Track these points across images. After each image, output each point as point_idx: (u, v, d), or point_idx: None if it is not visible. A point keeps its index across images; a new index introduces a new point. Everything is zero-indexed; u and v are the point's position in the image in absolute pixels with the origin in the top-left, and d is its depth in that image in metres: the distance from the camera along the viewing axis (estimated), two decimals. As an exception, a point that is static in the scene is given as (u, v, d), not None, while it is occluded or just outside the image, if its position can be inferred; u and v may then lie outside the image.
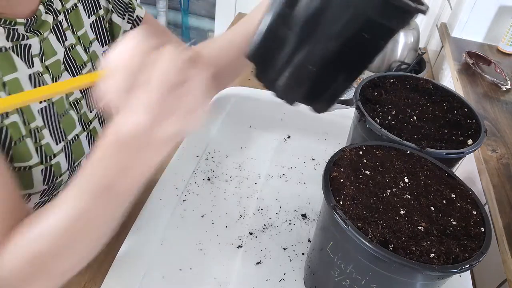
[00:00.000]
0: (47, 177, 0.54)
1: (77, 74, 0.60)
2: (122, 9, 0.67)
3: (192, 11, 2.76)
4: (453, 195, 0.49)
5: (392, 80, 0.69)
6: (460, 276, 0.59)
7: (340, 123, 0.88)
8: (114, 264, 0.57)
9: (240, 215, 0.65)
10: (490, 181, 0.76)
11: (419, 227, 0.43)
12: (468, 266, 0.40)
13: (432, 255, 0.41)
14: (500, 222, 0.69)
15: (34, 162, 0.52)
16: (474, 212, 0.47)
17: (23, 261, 0.45)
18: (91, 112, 0.62)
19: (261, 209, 0.67)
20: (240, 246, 0.61)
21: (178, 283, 0.55)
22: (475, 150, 0.57)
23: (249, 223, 0.64)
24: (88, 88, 0.58)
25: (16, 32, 0.50)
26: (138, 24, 0.69)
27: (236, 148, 0.78)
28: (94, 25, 0.63)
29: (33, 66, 0.52)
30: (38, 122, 0.52)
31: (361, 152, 0.53)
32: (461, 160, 0.62)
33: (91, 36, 0.63)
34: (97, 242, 0.47)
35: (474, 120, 0.62)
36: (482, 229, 0.45)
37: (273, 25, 0.41)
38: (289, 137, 0.83)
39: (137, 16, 0.69)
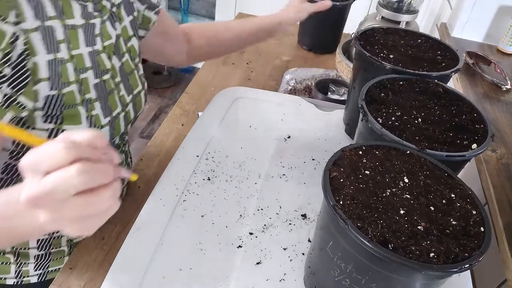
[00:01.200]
0: None
1: (120, 61, 0.68)
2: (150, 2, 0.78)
3: (192, 11, 2.76)
4: (452, 195, 0.49)
5: (401, 82, 0.69)
6: (459, 275, 0.59)
7: (340, 123, 0.88)
8: (114, 264, 0.57)
9: (240, 215, 0.65)
10: (490, 181, 0.76)
11: (419, 227, 0.43)
12: (467, 265, 0.40)
13: (431, 254, 0.41)
14: (500, 222, 0.69)
15: (83, 128, 0.58)
16: (474, 212, 0.47)
17: None
18: (127, 96, 0.68)
19: (261, 209, 0.67)
20: (240, 246, 0.61)
21: (178, 283, 0.55)
22: (477, 154, 0.57)
23: (249, 223, 0.64)
24: (127, 71, 0.70)
25: (86, 11, 0.58)
26: (158, 14, 0.80)
27: (236, 148, 0.78)
28: (131, 22, 0.72)
29: (95, 45, 0.60)
30: (92, 94, 0.59)
31: (361, 152, 0.53)
32: (466, 164, 0.62)
33: (130, 32, 0.71)
34: None
35: (482, 125, 0.62)
36: (482, 228, 0.45)
37: None
38: (289, 137, 0.83)
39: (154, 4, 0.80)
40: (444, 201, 0.48)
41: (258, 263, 0.59)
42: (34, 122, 0.55)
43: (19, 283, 0.73)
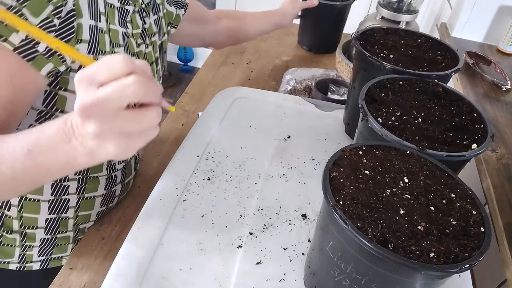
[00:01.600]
0: None
1: (145, 50, 0.74)
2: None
3: (192, 11, 2.76)
4: (452, 195, 0.49)
5: (401, 82, 0.69)
6: (460, 276, 0.59)
7: (340, 123, 0.88)
8: (114, 264, 0.57)
9: (240, 215, 0.65)
10: (490, 181, 0.76)
11: (419, 227, 0.43)
12: (468, 265, 0.40)
13: (431, 254, 0.41)
14: (500, 222, 0.69)
15: None
16: (474, 212, 0.47)
17: None
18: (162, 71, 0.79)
19: (261, 209, 0.67)
20: (240, 246, 0.61)
21: (178, 283, 0.55)
22: (477, 154, 0.57)
23: (249, 223, 0.64)
24: (149, 61, 0.77)
25: None
26: (187, 6, 0.88)
27: (236, 148, 0.79)
28: (156, 22, 0.77)
29: (127, 28, 0.66)
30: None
31: (361, 152, 0.53)
32: (466, 164, 0.62)
33: (154, 29, 0.76)
34: (8, 190, 0.51)
35: (482, 126, 0.62)
36: (482, 228, 0.45)
37: None
38: (289, 137, 0.83)
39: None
40: (444, 201, 0.48)
41: (258, 263, 0.59)
42: (67, 84, 0.60)
43: (21, 268, 0.74)
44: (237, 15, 1.10)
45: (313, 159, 0.78)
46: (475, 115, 0.64)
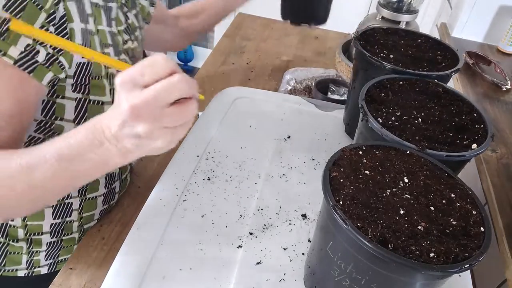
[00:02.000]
0: None
1: (131, 49, 0.73)
2: None
3: (192, 11, 2.76)
4: (452, 195, 0.49)
5: (401, 82, 0.69)
6: (460, 276, 0.59)
7: (340, 123, 0.88)
8: (114, 264, 0.57)
9: (240, 215, 0.65)
10: (490, 181, 0.76)
11: (419, 227, 0.43)
12: (468, 265, 0.40)
13: (431, 254, 0.41)
14: (500, 222, 0.69)
15: (107, 100, 0.63)
16: (474, 212, 0.47)
17: None
18: None
19: (261, 209, 0.67)
20: (240, 246, 0.61)
21: (178, 283, 0.55)
22: (477, 154, 0.57)
23: (249, 223, 0.64)
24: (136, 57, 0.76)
25: None
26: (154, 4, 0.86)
27: (236, 148, 0.78)
28: (135, 16, 0.76)
29: (111, 26, 0.64)
30: (114, 69, 0.63)
31: (361, 152, 0.53)
32: (466, 164, 0.62)
33: (136, 23, 0.75)
34: (40, 201, 0.53)
35: (482, 125, 0.62)
36: (482, 228, 0.45)
37: None
38: (289, 137, 0.83)
39: None
40: (444, 201, 0.48)
41: (258, 263, 0.59)
42: (64, 91, 0.60)
43: (30, 274, 0.74)
44: (194, 9, 1.02)
45: (313, 159, 0.78)
46: (475, 115, 0.64)
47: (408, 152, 0.54)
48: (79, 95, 0.61)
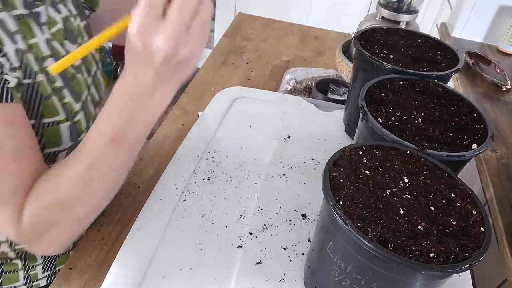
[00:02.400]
0: (73, 133, 0.61)
1: (76, 44, 0.66)
2: None
3: (192, 11, 2.75)
4: (452, 195, 0.49)
5: (401, 82, 0.69)
6: (460, 276, 0.59)
7: (340, 122, 0.88)
8: (114, 264, 0.57)
9: (240, 215, 0.65)
10: (490, 181, 0.76)
11: (419, 227, 0.43)
12: (468, 265, 0.40)
13: (431, 254, 0.41)
14: (500, 222, 0.69)
15: (61, 118, 0.60)
16: (474, 212, 0.47)
17: (48, 204, 0.51)
18: (88, 77, 0.68)
19: (261, 209, 0.67)
20: (240, 246, 0.61)
21: (178, 283, 0.55)
22: (477, 154, 0.57)
23: (249, 223, 0.64)
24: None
25: (27, 0, 0.55)
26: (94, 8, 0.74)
27: (236, 148, 0.78)
28: (73, 2, 0.68)
29: (44, 33, 0.58)
30: (59, 82, 0.59)
31: (361, 152, 0.53)
32: (466, 164, 0.62)
33: (74, 11, 0.67)
34: (111, 187, 0.54)
35: (482, 125, 0.62)
36: (482, 228, 0.45)
37: None
38: (289, 137, 0.83)
39: None
40: (444, 201, 0.48)
41: (258, 263, 0.59)
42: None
43: None
44: None
45: (313, 159, 0.78)
46: (475, 115, 0.64)
47: (408, 152, 0.54)
48: (32, 121, 0.57)
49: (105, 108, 0.48)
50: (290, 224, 0.65)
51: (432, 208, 0.46)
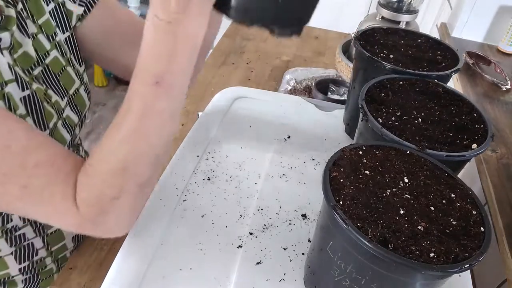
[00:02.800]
0: None
1: (42, 63, 0.59)
2: None
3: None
4: (452, 195, 0.49)
5: (401, 82, 0.69)
6: (460, 276, 0.59)
7: (340, 122, 0.88)
8: (114, 264, 0.57)
9: (240, 215, 0.65)
10: (490, 181, 0.76)
11: (419, 227, 0.43)
12: (468, 265, 0.40)
13: (431, 254, 0.41)
14: (500, 222, 0.69)
15: None
16: (474, 212, 0.47)
17: (104, 175, 0.47)
18: (62, 100, 0.62)
19: (261, 209, 0.67)
20: (240, 246, 0.61)
21: (178, 283, 0.55)
22: (477, 154, 0.57)
23: (249, 223, 0.64)
24: (55, 71, 0.61)
25: None
26: (92, 6, 0.65)
27: (236, 148, 0.78)
28: (53, 12, 0.61)
29: (5, 56, 0.53)
30: (21, 110, 0.54)
31: (361, 152, 0.53)
32: (466, 164, 0.62)
33: (53, 23, 0.61)
34: (167, 139, 0.49)
35: (482, 125, 0.62)
36: (482, 228, 0.45)
37: None
38: (289, 137, 0.83)
39: None
40: (444, 201, 0.48)
41: (258, 263, 0.59)
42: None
43: None
44: None
45: (313, 159, 0.78)
46: (475, 115, 0.64)
47: (408, 152, 0.54)
48: None
49: (141, 49, 0.44)
50: (290, 224, 0.65)
51: (432, 208, 0.46)
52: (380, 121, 0.60)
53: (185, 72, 0.45)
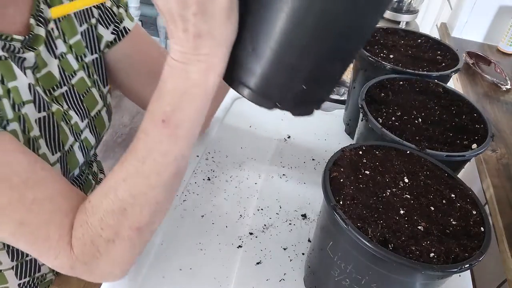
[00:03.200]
0: None
1: (67, 83, 0.59)
2: (108, 19, 0.64)
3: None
4: (452, 195, 0.49)
5: (401, 82, 0.69)
6: (460, 276, 0.59)
7: (340, 122, 0.88)
8: (114, 264, 0.57)
9: (240, 215, 0.65)
10: (490, 181, 0.76)
11: (419, 227, 0.43)
12: (467, 265, 0.40)
13: (431, 254, 0.41)
14: (500, 222, 0.69)
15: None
16: (474, 212, 0.47)
17: (101, 216, 0.45)
18: (82, 121, 0.61)
19: (261, 209, 0.67)
20: (240, 246, 0.61)
21: (178, 283, 0.55)
22: (477, 154, 0.57)
23: (249, 223, 0.64)
24: (80, 91, 0.60)
25: (12, 45, 0.50)
26: (123, 36, 0.65)
27: (236, 148, 0.78)
28: (85, 33, 0.61)
29: (27, 77, 0.52)
30: (36, 131, 0.53)
31: (361, 152, 0.53)
32: (465, 164, 0.62)
33: (83, 43, 0.61)
34: (170, 183, 0.46)
35: (482, 126, 0.62)
36: (482, 228, 0.45)
37: None
38: (289, 137, 0.83)
39: (124, 27, 0.65)
40: (444, 201, 0.48)
41: (258, 263, 0.59)
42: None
43: None
44: None
45: (313, 159, 0.78)
46: (475, 115, 0.64)
47: (408, 152, 0.54)
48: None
49: (156, 89, 0.43)
50: (290, 224, 0.65)
51: (432, 208, 0.46)
52: (380, 121, 0.60)
53: (193, 116, 0.43)
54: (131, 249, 0.47)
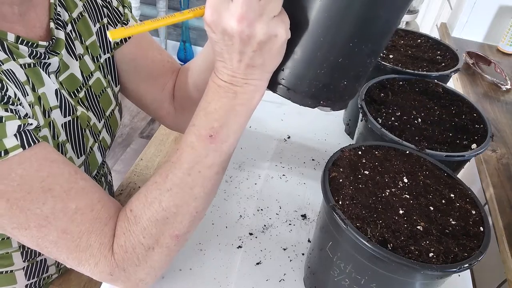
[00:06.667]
0: None
1: (85, 85, 0.59)
2: (115, 19, 0.65)
3: (192, 12, 2.75)
4: (452, 195, 0.49)
5: (401, 83, 0.69)
6: (459, 276, 0.59)
7: (340, 122, 0.88)
8: (114, 264, 0.57)
9: (240, 215, 0.65)
10: (490, 181, 0.76)
11: (418, 227, 0.43)
12: (467, 265, 0.40)
13: (431, 254, 0.41)
14: (500, 222, 0.69)
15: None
16: (473, 212, 0.47)
17: (143, 223, 0.46)
18: (99, 122, 0.62)
19: (261, 209, 0.67)
20: (240, 246, 0.61)
21: (178, 283, 0.56)
22: (477, 154, 0.57)
23: (249, 223, 0.64)
24: (97, 92, 0.61)
25: (38, 52, 0.51)
26: (129, 37, 0.66)
27: (236, 148, 0.78)
28: (98, 32, 0.62)
29: (53, 83, 0.53)
30: (63, 136, 0.54)
31: (360, 152, 0.53)
32: (465, 164, 0.62)
33: (98, 44, 0.62)
34: (210, 193, 0.49)
35: (482, 126, 0.62)
36: (481, 228, 0.45)
37: None
38: (289, 137, 0.83)
39: None
40: (443, 201, 0.48)
41: (258, 263, 0.59)
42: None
43: None
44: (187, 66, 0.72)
45: (313, 159, 0.78)
46: (475, 115, 0.64)
47: (407, 152, 0.54)
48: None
49: (200, 105, 0.46)
50: (290, 224, 0.65)
51: (432, 208, 0.46)
52: (380, 121, 0.60)
53: (237, 131, 0.47)
54: (167, 257, 0.49)
